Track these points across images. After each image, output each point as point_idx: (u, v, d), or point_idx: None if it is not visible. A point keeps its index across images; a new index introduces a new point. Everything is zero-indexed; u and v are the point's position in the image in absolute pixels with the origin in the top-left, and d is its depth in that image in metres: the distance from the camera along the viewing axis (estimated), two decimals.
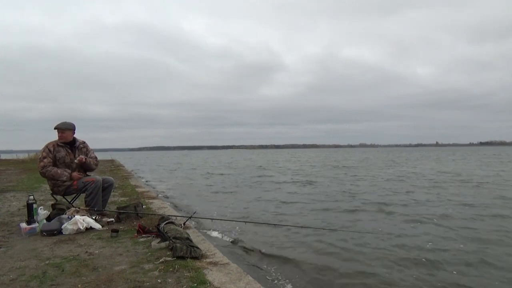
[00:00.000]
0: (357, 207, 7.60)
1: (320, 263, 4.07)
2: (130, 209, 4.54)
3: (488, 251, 4.39)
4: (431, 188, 10.92)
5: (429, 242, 4.78)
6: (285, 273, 3.75)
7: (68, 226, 3.80)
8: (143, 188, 8.57)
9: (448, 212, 6.89)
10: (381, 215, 6.74)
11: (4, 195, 7.03)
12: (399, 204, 7.88)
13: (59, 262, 2.87)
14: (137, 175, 15.97)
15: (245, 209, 7.66)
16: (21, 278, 2.55)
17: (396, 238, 5.07)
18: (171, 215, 4.47)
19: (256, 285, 2.47)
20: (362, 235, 5.19)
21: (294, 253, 4.41)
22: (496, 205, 7.60)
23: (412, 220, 6.25)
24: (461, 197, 8.78)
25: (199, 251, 3.02)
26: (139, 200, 5.98)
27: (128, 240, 3.51)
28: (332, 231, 5.44)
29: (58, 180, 4.62)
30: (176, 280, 2.45)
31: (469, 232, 5.34)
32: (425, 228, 5.62)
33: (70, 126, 4.80)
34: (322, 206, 7.90)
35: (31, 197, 3.97)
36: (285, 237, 5.13)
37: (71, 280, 2.49)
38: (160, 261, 2.83)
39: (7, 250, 3.26)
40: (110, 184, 5.02)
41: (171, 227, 3.51)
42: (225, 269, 2.74)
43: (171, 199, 9.04)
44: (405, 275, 3.68)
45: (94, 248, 3.28)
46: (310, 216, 6.81)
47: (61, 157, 4.68)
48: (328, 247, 4.65)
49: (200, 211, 7.16)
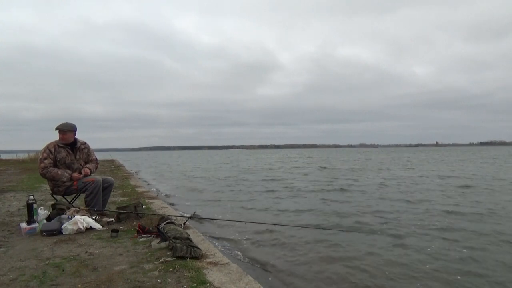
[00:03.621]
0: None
1: (320, 262, 4.07)
2: (130, 209, 4.54)
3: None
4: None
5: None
6: (285, 273, 3.75)
7: (68, 226, 3.80)
8: (143, 188, 8.57)
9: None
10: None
11: (4, 195, 7.03)
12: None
13: (59, 262, 2.87)
14: (137, 175, 15.96)
15: (245, 209, 7.66)
16: (21, 278, 2.55)
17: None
18: (171, 215, 4.47)
19: (256, 285, 2.47)
20: (362, 236, 5.20)
21: (294, 253, 4.41)
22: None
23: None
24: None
25: (199, 251, 3.02)
26: (139, 200, 5.98)
27: (128, 240, 3.51)
28: (332, 231, 5.44)
29: (59, 181, 4.62)
30: (176, 280, 2.45)
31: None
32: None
33: (71, 127, 4.79)
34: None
35: (31, 197, 3.97)
36: (285, 237, 5.13)
37: (71, 280, 2.49)
38: (160, 261, 2.83)
39: (7, 250, 3.26)
40: (110, 184, 5.02)
41: (171, 227, 3.51)
42: (225, 269, 2.74)
43: (171, 199, 9.04)
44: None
45: (94, 248, 3.28)
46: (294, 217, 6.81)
47: (62, 158, 4.68)
48: (328, 247, 4.65)
49: (200, 211, 7.16)
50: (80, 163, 4.85)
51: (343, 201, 8.64)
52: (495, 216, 6.47)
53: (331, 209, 7.48)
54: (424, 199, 8.60)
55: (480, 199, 8.49)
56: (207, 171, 21.28)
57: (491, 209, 7.19)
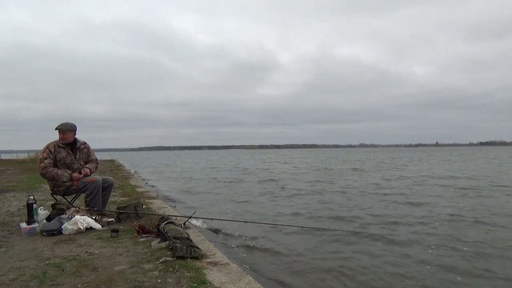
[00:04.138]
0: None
1: (319, 263, 4.07)
2: (130, 209, 4.54)
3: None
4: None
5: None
6: (285, 273, 3.75)
7: (68, 226, 3.80)
8: (143, 188, 8.56)
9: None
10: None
11: (4, 195, 7.03)
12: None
13: (59, 262, 2.87)
14: (137, 175, 15.96)
15: (245, 209, 7.66)
16: (21, 278, 2.55)
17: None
18: (171, 215, 4.47)
19: (256, 285, 2.47)
20: (362, 237, 5.19)
21: (294, 253, 4.41)
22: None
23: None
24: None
25: (199, 251, 3.02)
26: (139, 200, 5.98)
27: (128, 240, 3.51)
28: (332, 231, 5.44)
29: (59, 181, 4.62)
30: (176, 280, 2.45)
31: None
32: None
33: (71, 127, 4.79)
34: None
35: (31, 197, 3.97)
36: (285, 237, 5.13)
37: (71, 280, 2.49)
38: (160, 261, 2.83)
39: (7, 250, 3.26)
40: (110, 184, 5.02)
41: (171, 227, 3.51)
42: (225, 269, 2.74)
43: (171, 199, 9.04)
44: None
45: (94, 248, 3.28)
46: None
47: (62, 158, 4.68)
48: (328, 248, 4.65)
49: (200, 211, 7.16)
50: (80, 163, 4.85)
51: (342, 202, 8.64)
52: (494, 218, 6.47)
53: (331, 209, 7.48)
54: (424, 200, 8.60)
55: (482, 201, 8.49)
56: (207, 171, 21.28)
57: (492, 210, 7.19)
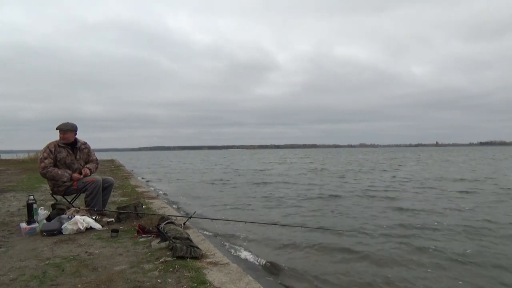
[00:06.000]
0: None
1: (319, 263, 4.07)
2: (130, 209, 4.54)
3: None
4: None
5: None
6: (285, 273, 3.75)
7: (68, 226, 3.80)
8: (143, 188, 8.56)
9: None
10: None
11: (4, 195, 7.03)
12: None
13: (59, 262, 2.87)
14: (137, 175, 15.96)
15: (245, 209, 7.66)
16: (21, 278, 2.55)
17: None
18: (171, 215, 4.46)
19: (256, 285, 2.47)
20: (363, 237, 5.19)
21: (294, 253, 4.41)
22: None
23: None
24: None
25: (199, 251, 3.02)
26: (139, 200, 5.98)
27: (128, 240, 3.51)
28: (332, 232, 5.44)
29: (59, 181, 4.62)
30: (176, 280, 2.45)
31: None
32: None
33: (72, 127, 4.78)
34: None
35: (31, 197, 3.97)
36: (285, 237, 5.13)
37: (71, 280, 2.49)
38: (160, 261, 2.82)
39: (7, 250, 3.26)
40: (110, 184, 5.02)
41: (171, 227, 3.51)
42: (225, 269, 2.74)
43: (171, 199, 9.04)
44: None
45: (94, 248, 3.28)
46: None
47: (62, 158, 4.67)
48: (328, 248, 4.65)
49: (200, 211, 7.16)
50: (80, 163, 4.85)
51: (341, 203, 8.64)
52: (494, 219, 6.47)
53: (331, 210, 7.48)
54: (424, 201, 8.60)
55: (483, 201, 8.49)
56: (207, 171, 21.28)
57: (490, 212, 7.19)
